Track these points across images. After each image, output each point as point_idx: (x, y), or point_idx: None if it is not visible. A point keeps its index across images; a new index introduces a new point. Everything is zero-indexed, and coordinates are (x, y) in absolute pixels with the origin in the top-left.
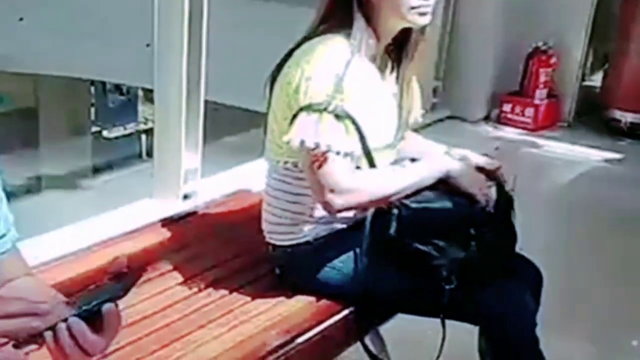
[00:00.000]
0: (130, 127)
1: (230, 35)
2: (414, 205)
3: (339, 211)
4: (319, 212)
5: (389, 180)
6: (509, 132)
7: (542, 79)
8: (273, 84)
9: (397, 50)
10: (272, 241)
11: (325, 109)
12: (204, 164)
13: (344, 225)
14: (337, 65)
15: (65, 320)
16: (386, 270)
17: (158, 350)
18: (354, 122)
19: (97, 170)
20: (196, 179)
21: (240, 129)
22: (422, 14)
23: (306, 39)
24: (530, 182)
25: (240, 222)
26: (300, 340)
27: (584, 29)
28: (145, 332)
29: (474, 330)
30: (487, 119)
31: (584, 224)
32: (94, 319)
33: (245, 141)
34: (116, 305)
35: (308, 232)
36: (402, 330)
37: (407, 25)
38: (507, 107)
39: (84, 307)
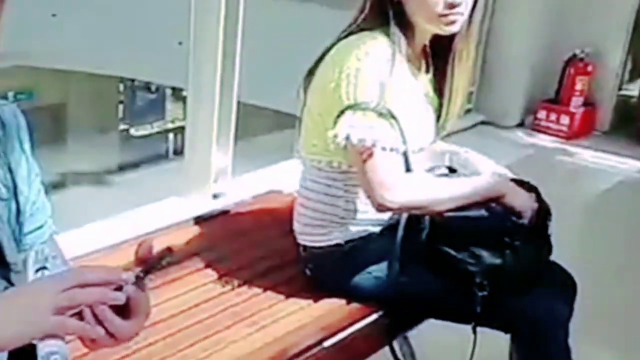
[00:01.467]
0: (158, 126)
1: (264, 36)
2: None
3: (391, 209)
4: (352, 214)
5: (443, 186)
6: (544, 140)
7: (579, 87)
8: (308, 82)
9: (433, 54)
10: (304, 242)
11: (370, 108)
12: (234, 164)
13: (377, 229)
14: (380, 64)
15: (90, 307)
16: (418, 274)
17: (186, 348)
18: (397, 121)
19: (124, 168)
20: (226, 179)
21: (271, 129)
22: (450, 23)
23: (341, 38)
24: (564, 191)
25: (270, 223)
26: (329, 342)
27: (623, 37)
28: (174, 330)
29: (504, 338)
30: (521, 125)
31: (618, 234)
32: (120, 304)
33: (276, 142)
34: (142, 288)
35: (340, 234)
36: (432, 336)
37: (437, 31)
38: (542, 114)
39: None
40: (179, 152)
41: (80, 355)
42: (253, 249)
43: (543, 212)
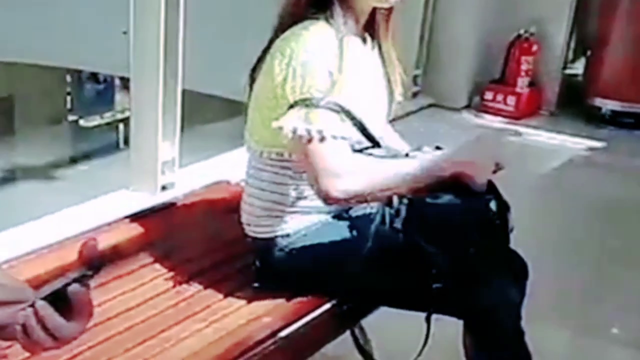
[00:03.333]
0: (108, 116)
1: (210, 22)
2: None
3: (338, 201)
4: (300, 203)
5: (389, 168)
6: (491, 121)
7: (524, 67)
8: (254, 73)
9: (372, 29)
10: (252, 233)
11: (317, 105)
12: (182, 154)
13: (326, 217)
14: (328, 52)
15: (31, 305)
16: (374, 263)
17: (133, 347)
18: (349, 114)
19: (74, 160)
20: (174, 170)
21: (218, 117)
22: None
23: (282, 26)
24: (512, 170)
25: (219, 214)
26: (281, 335)
27: (566, 16)
28: (120, 329)
29: (458, 324)
30: (468, 107)
31: (567, 212)
32: (62, 303)
33: (224, 130)
34: (87, 288)
35: (288, 224)
36: (385, 324)
37: (377, 4)
38: (489, 95)
39: (49, 290)
40: (128, 142)
41: None
42: (201, 241)
43: (503, 207)
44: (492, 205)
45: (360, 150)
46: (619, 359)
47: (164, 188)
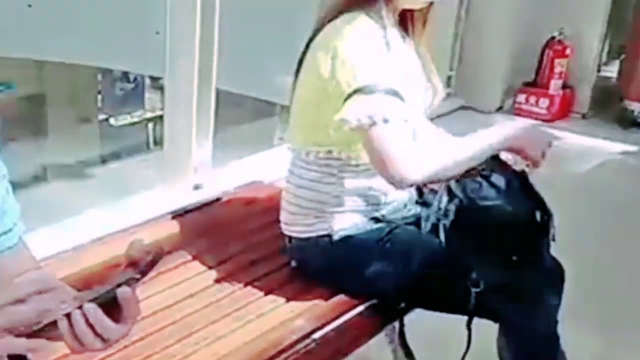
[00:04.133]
0: (137, 115)
1: (243, 23)
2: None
3: (413, 183)
4: (340, 203)
5: (456, 146)
6: (523, 123)
7: (558, 69)
8: (297, 73)
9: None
10: (290, 233)
11: (375, 91)
12: (214, 154)
13: (364, 218)
14: (373, 42)
15: (80, 307)
16: (414, 266)
17: (171, 346)
18: (402, 99)
19: (104, 159)
20: (207, 169)
21: (250, 118)
22: None
23: (323, 21)
24: (546, 174)
25: (253, 214)
26: (318, 335)
27: (601, 18)
28: (157, 327)
29: (494, 327)
30: (501, 109)
31: (602, 217)
32: (111, 305)
33: (255, 131)
34: (133, 290)
35: (328, 224)
36: (422, 326)
37: (408, 6)
38: (521, 98)
39: (99, 293)
40: (158, 141)
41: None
42: (236, 241)
43: (547, 216)
44: (537, 214)
45: None
46: None
47: (196, 187)
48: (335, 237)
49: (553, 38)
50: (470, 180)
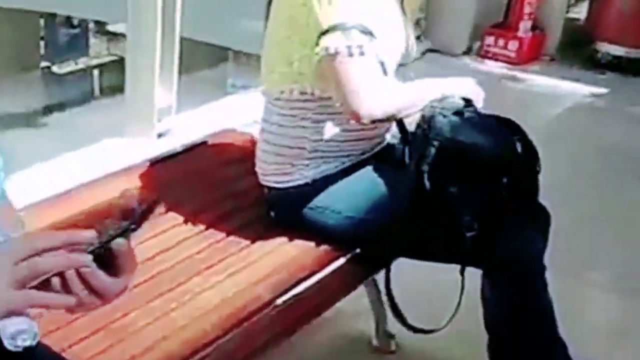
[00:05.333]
0: (82, 62)
1: None
2: (458, 137)
3: (374, 121)
4: (319, 148)
5: (421, 88)
6: (492, 66)
7: (527, 10)
8: (269, 8)
9: None
10: (268, 183)
11: (351, 27)
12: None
13: (345, 164)
14: None
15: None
16: (400, 211)
17: (151, 300)
18: (376, 38)
19: (51, 108)
20: (170, 117)
21: (203, 64)
22: None
23: None
24: (515, 117)
25: (229, 163)
26: (303, 286)
27: None
28: (137, 282)
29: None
30: (468, 52)
31: (574, 158)
32: (105, 259)
33: (211, 77)
34: (129, 242)
35: (307, 172)
36: (403, 278)
37: None
38: (489, 40)
39: (92, 247)
40: (104, 90)
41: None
42: (212, 190)
43: (531, 156)
44: (518, 146)
45: None
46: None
47: (160, 135)
48: (316, 186)
49: None
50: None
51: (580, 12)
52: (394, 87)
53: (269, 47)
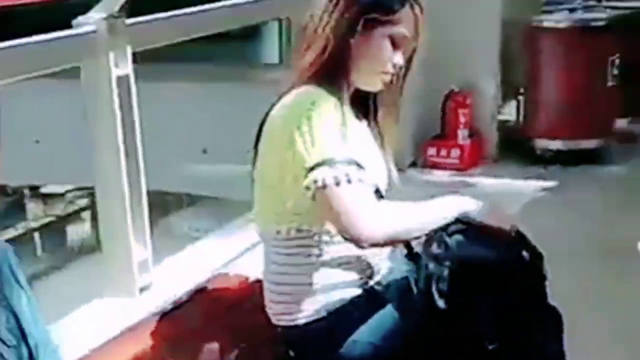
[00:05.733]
0: (22, 227)
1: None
2: (466, 254)
3: (374, 245)
4: (326, 279)
5: (418, 210)
6: (439, 175)
7: (462, 119)
8: (257, 141)
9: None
10: (282, 322)
11: (337, 162)
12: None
13: (355, 290)
14: (332, 116)
15: None
16: (414, 334)
17: None
18: (363, 168)
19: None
20: (149, 270)
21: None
22: (386, 80)
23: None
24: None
25: (232, 306)
26: None
27: (495, 66)
28: None
29: None
30: (415, 165)
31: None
32: None
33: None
34: None
35: (319, 305)
36: None
37: (369, 87)
38: (432, 151)
39: None
40: (47, 250)
41: None
42: (226, 335)
43: (535, 256)
44: (525, 254)
45: None
46: None
47: (142, 290)
48: (330, 318)
49: (452, 90)
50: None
51: (510, 114)
52: (391, 210)
53: (260, 191)
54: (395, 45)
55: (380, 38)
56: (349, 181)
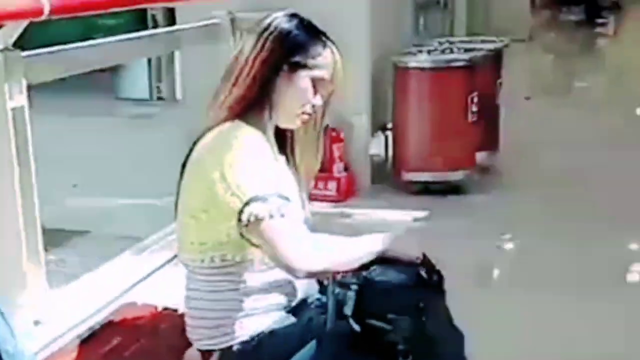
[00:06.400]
0: None
1: None
2: (376, 278)
3: (310, 275)
4: (250, 305)
5: (348, 245)
6: (319, 206)
7: (337, 153)
8: (182, 173)
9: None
10: (205, 347)
11: (269, 198)
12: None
13: (280, 312)
14: (260, 151)
15: None
16: (342, 352)
17: None
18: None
19: None
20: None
21: None
22: (303, 120)
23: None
24: None
25: (149, 334)
26: None
27: (365, 105)
28: None
29: None
30: None
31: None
32: None
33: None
34: None
35: (246, 328)
36: None
37: (287, 125)
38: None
39: None
40: None
41: None
42: None
43: (437, 276)
44: (422, 272)
45: None
46: None
47: (36, 323)
48: (256, 341)
49: (327, 126)
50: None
51: (379, 149)
52: (323, 242)
53: (184, 220)
54: (315, 87)
55: (302, 80)
56: (281, 215)
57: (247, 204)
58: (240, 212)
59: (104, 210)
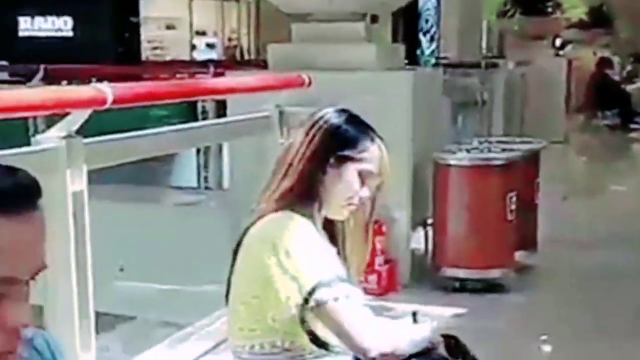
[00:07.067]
0: None
1: None
2: None
3: (382, 356)
4: None
5: (403, 330)
6: None
7: (378, 246)
8: (234, 260)
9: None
10: None
11: (331, 282)
12: None
13: None
14: (314, 240)
15: None
16: None
17: None
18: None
19: None
20: None
21: None
22: (351, 211)
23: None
24: None
25: None
26: None
27: (406, 200)
28: None
29: None
30: None
31: None
32: None
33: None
34: None
35: None
36: None
37: (335, 216)
38: None
39: None
40: None
41: None
42: None
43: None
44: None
45: None
46: None
47: None
48: None
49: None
50: None
51: (419, 243)
52: (388, 325)
53: (236, 306)
54: (362, 180)
55: (350, 173)
56: (346, 297)
57: (311, 291)
58: (306, 299)
59: (150, 295)
